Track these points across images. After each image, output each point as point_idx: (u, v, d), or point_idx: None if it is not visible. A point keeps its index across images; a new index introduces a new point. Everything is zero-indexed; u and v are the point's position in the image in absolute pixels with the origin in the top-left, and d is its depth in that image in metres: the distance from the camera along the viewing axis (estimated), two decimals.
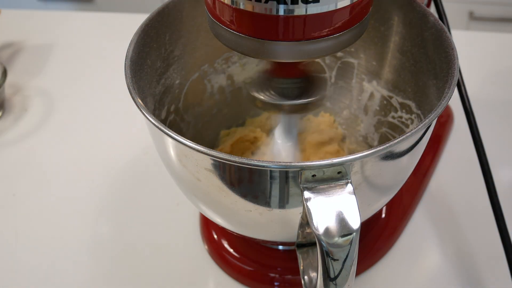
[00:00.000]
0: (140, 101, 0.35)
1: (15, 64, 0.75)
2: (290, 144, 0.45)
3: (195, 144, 0.31)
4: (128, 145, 0.60)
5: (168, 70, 0.46)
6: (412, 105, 0.46)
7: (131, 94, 0.36)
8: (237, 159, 0.30)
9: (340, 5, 0.30)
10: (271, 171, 0.32)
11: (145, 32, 0.41)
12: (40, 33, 0.81)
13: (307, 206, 0.30)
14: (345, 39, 0.32)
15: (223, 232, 0.49)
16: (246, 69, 0.53)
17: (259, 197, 0.34)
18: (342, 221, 0.29)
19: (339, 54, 0.52)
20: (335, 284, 0.31)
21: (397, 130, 0.49)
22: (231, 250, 0.48)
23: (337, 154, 0.52)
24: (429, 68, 0.42)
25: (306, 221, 0.34)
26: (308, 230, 0.36)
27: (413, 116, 0.46)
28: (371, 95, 0.51)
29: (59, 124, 0.64)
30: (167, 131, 0.32)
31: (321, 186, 0.30)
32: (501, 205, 0.42)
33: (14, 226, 0.52)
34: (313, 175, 0.30)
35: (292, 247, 0.45)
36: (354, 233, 0.29)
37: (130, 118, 0.63)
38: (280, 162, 0.30)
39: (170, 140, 0.34)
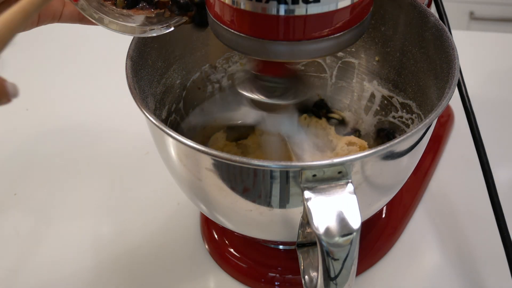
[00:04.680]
0: (141, 101, 0.35)
1: (14, 64, 0.75)
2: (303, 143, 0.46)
3: (196, 144, 0.31)
4: (128, 144, 0.60)
5: (169, 70, 0.46)
6: (413, 105, 0.46)
7: (132, 94, 0.36)
8: (237, 159, 0.30)
9: (341, 5, 0.30)
10: (271, 171, 0.32)
11: None
12: (40, 33, 0.81)
13: (307, 206, 0.30)
14: (346, 39, 0.32)
15: (224, 232, 0.49)
16: (247, 68, 0.53)
17: (260, 197, 0.34)
18: (342, 221, 0.29)
19: (340, 54, 0.52)
20: (336, 284, 0.31)
21: (398, 130, 0.49)
22: (232, 250, 0.48)
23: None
24: (429, 68, 0.42)
25: (306, 221, 0.34)
26: (308, 230, 0.36)
27: (413, 116, 0.46)
28: (372, 95, 0.51)
29: (59, 124, 0.64)
30: (168, 131, 0.32)
31: (321, 186, 0.30)
32: (501, 205, 0.42)
33: (15, 226, 0.52)
34: (314, 175, 0.30)
35: (293, 247, 0.45)
36: (355, 233, 0.29)
37: (130, 117, 0.63)
38: (280, 162, 0.30)
39: (170, 140, 0.34)
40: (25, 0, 0.27)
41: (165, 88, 0.46)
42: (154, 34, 0.37)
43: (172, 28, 0.37)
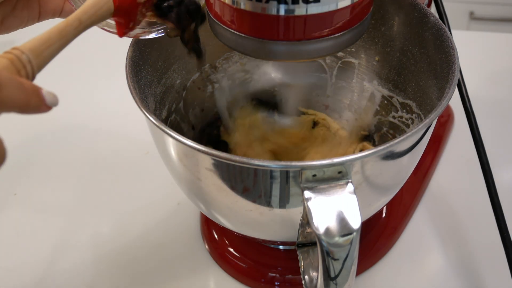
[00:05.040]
0: (141, 101, 0.35)
1: None
2: None
3: (196, 144, 0.31)
4: (128, 144, 0.60)
5: (169, 70, 0.46)
6: (413, 105, 0.46)
7: (132, 94, 0.36)
8: (237, 158, 0.30)
9: (341, 5, 0.30)
10: (271, 171, 0.32)
11: None
12: (40, 33, 0.81)
13: (307, 205, 0.30)
14: (346, 39, 0.33)
15: (224, 232, 0.49)
16: (247, 68, 0.53)
17: (260, 197, 0.34)
18: (342, 221, 0.29)
19: (340, 54, 0.52)
20: (336, 284, 0.31)
21: (398, 130, 0.49)
22: (232, 250, 0.48)
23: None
24: (429, 68, 0.42)
25: (306, 221, 0.34)
26: (308, 230, 0.36)
27: (413, 116, 0.46)
28: (372, 95, 0.51)
29: (59, 124, 0.64)
30: (168, 131, 0.32)
31: (321, 186, 0.30)
32: (501, 205, 0.42)
33: (15, 226, 0.52)
34: (314, 175, 0.30)
35: (293, 247, 0.45)
36: (355, 233, 0.29)
37: (130, 117, 0.63)
38: (280, 162, 0.30)
39: (170, 139, 0.34)
40: (63, 23, 0.31)
41: (165, 88, 0.46)
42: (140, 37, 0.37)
43: (153, 35, 0.37)
